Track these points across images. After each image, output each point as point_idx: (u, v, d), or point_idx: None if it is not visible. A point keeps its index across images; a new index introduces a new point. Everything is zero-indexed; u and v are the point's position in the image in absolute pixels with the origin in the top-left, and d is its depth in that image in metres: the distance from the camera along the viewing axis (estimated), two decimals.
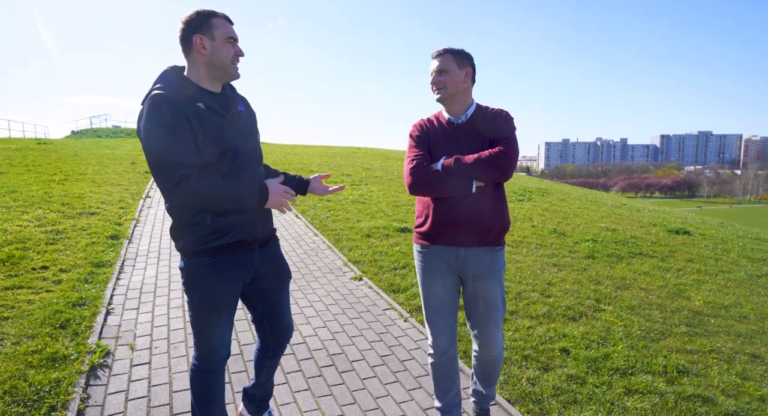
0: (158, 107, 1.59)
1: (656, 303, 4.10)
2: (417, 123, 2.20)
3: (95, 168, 10.93)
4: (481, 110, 2.10)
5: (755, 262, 5.90)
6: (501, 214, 2.08)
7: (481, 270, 2.07)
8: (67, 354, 2.83)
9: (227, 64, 1.72)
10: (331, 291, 4.18)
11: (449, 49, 2.06)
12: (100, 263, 4.51)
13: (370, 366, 2.93)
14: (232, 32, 1.72)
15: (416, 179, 2.03)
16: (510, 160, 1.98)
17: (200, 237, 1.73)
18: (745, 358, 3.17)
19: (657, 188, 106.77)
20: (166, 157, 1.59)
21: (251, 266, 1.87)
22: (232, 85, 1.89)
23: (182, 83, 1.69)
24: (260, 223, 1.86)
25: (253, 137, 1.89)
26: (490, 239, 2.07)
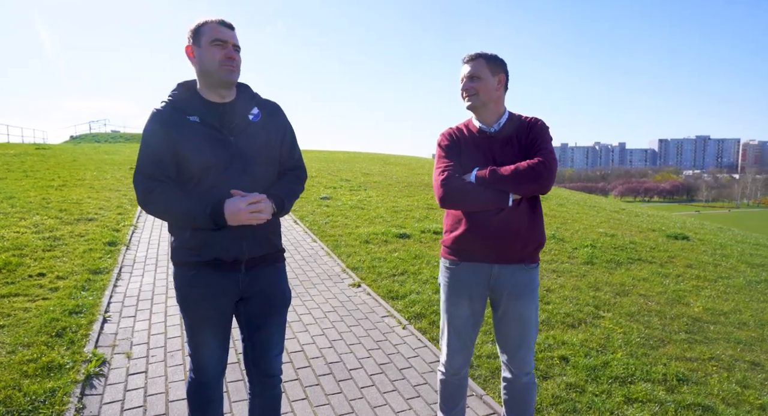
0: (147, 122, 1.65)
1: (655, 310, 4.09)
2: (446, 132, 2.08)
3: (93, 174, 10.92)
4: (514, 119, 1.99)
5: (754, 267, 5.89)
6: (538, 229, 1.96)
7: (517, 289, 1.95)
8: (63, 363, 2.81)
9: (214, 69, 1.63)
10: (330, 298, 4.16)
11: (482, 53, 1.93)
12: (98, 270, 4.49)
13: (368, 374, 2.91)
14: (220, 34, 1.63)
15: (448, 192, 1.90)
16: (550, 171, 1.84)
17: (179, 248, 1.72)
18: (745, 366, 3.15)
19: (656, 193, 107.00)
20: (138, 168, 1.65)
21: (236, 287, 1.76)
22: (254, 94, 1.81)
23: (183, 96, 1.69)
24: (248, 242, 1.72)
25: (259, 149, 1.74)
26: (526, 256, 1.95)
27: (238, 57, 1.67)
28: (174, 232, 1.73)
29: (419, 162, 20.46)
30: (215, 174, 1.65)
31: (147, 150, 1.63)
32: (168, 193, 1.62)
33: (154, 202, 1.62)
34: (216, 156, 1.64)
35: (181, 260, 1.72)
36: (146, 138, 1.64)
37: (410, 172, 14.84)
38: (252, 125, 1.74)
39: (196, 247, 1.68)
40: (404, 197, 9.69)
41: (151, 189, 1.61)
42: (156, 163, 1.62)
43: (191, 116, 1.66)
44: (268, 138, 1.77)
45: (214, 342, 1.81)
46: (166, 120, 1.64)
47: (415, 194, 10.08)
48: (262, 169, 1.76)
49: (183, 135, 1.63)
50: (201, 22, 1.66)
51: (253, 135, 1.73)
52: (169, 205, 1.61)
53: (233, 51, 1.65)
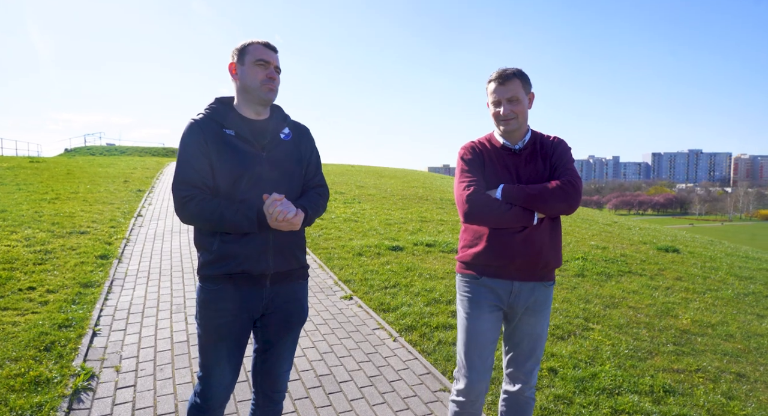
0: (186, 131, 1.72)
1: (644, 322, 4.13)
2: (468, 145, 2.03)
3: (87, 187, 10.90)
4: (537, 137, 1.98)
5: (743, 280, 5.96)
6: (557, 248, 1.97)
7: (535, 305, 1.95)
8: (51, 377, 2.80)
9: (255, 87, 1.72)
10: (321, 311, 4.17)
11: (517, 72, 1.87)
12: (89, 283, 4.48)
13: (358, 387, 2.92)
14: (264, 55, 1.73)
15: (474, 208, 1.86)
16: (578, 192, 1.84)
17: (207, 262, 1.73)
18: (731, 377, 3.18)
19: (649, 206, 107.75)
20: (177, 176, 1.69)
21: (260, 303, 1.78)
22: (285, 113, 1.91)
23: (219, 110, 1.76)
24: (274, 256, 1.76)
25: (288, 166, 1.82)
26: (546, 274, 1.95)
27: (278, 78, 1.78)
28: (201, 246, 1.75)
29: (414, 175, 20.58)
30: (246, 187, 1.71)
31: (187, 158, 1.69)
32: (210, 199, 1.67)
33: (197, 207, 1.65)
34: (247, 169, 1.71)
35: (208, 273, 1.73)
36: (185, 147, 1.69)
37: (405, 185, 14.92)
38: (283, 143, 1.83)
39: (223, 258, 1.71)
40: (398, 209, 9.74)
41: (192, 196, 1.66)
42: (196, 170, 1.68)
43: (227, 129, 1.73)
44: (298, 157, 1.86)
45: (227, 366, 1.79)
46: (203, 130, 1.70)
47: (409, 207, 10.14)
48: (290, 185, 1.82)
49: (218, 146, 1.70)
50: (247, 43, 1.76)
51: (283, 152, 1.81)
52: (213, 210, 1.64)
53: (274, 72, 1.76)
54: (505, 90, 1.86)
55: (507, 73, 1.86)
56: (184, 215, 1.68)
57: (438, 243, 6.57)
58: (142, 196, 10.29)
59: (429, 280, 4.96)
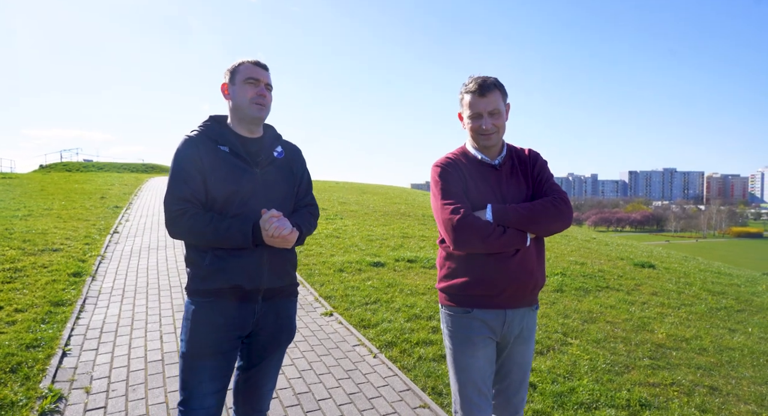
0: (181, 146, 1.72)
1: (621, 337, 4.19)
2: (444, 162, 1.81)
3: (62, 203, 10.65)
4: (512, 150, 1.88)
5: (715, 295, 6.11)
6: (543, 267, 1.85)
7: (524, 332, 1.84)
8: (16, 399, 2.69)
9: (245, 105, 1.74)
10: (301, 328, 4.12)
11: (497, 82, 1.75)
12: (60, 302, 4.35)
13: (337, 404, 2.87)
14: (253, 73, 1.75)
15: (466, 234, 1.66)
16: (570, 208, 1.75)
17: (197, 276, 1.71)
18: (704, 390, 3.24)
19: (627, 223, 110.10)
20: (170, 190, 1.68)
21: (251, 319, 1.76)
22: (277, 133, 1.93)
23: (214, 127, 1.78)
24: (267, 272, 1.75)
25: (281, 184, 1.83)
26: (534, 297, 1.86)
27: (269, 95, 1.80)
28: (192, 261, 1.73)
29: (396, 191, 20.67)
30: (239, 203, 1.71)
31: (180, 173, 1.68)
32: (203, 214, 1.67)
33: (189, 221, 1.64)
34: (241, 186, 1.72)
35: (199, 288, 1.71)
36: (179, 161, 1.69)
37: (387, 201, 14.97)
38: (276, 161, 1.84)
39: (216, 273, 1.69)
40: (380, 225, 9.76)
41: (185, 210, 1.65)
42: (189, 185, 1.67)
43: (222, 145, 1.74)
44: (290, 176, 1.89)
45: (211, 386, 1.71)
46: (198, 146, 1.71)
47: (391, 223, 10.16)
48: (282, 203, 1.82)
49: (213, 162, 1.70)
50: (238, 63, 1.79)
51: (276, 170, 1.83)
52: (206, 224, 1.64)
53: (264, 89, 1.77)
54: (487, 103, 1.71)
55: (488, 83, 1.70)
56: (176, 229, 1.67)
57: (419, 259, 6.59)
58: (119, 212, 10.09)
59: (410, 296, 4.96)
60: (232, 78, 1.78)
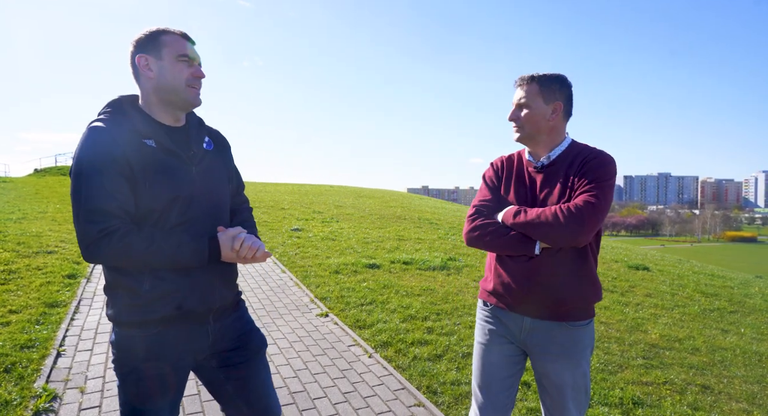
0: (91, 143, 1.32)
1: (615, 337, 4.22)
2: (494, 161, 1.85)
3: (57, 206, 10.61)
4: (573, 151, 1.68)
5: (708, 297, 6.16)
6: (581, 283, 1.63)
7: (552, 348, 1.65)
8: (10, 399, 2.68)
9: (180, 88, 1.42)
10: (296, 328, 4.13)
11: (537, 76, 1.66)
12: (54, 303, 4.33)
13: (332, 403, 2.88)
14: (186, 49, 1.43)
15: (470, 231, 1.71)
16: (581, 220, 1.50)
17: (135, 306, 1.38)
18: (696, 389, 3.27)
19: (623, 227, 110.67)
20: (86, 204, 1.29)
21: (205, 342, 1.50)
22: (200, 119, 1.60)
23: (132, 115, 1.41)
24: (219, 288, 1.50)
25: (218, 183, 1.55)
26: (564, 314, 1.63)
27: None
28: (122, 286, 1.39)
29: (392, 195, 20.72)
30: (179, 212, 1.41)
31: (99, 180, 1.29)
32: (138, 232, 1.32)
33: (121, 243, 1.29)
34: (181, 190, 1.41)
35: (137, 319, 1.39)
36: (98, 164, 1.30)
37: (383, 204, 15.01)
38: (208, 154, 1.55)
39: (161, 298, 1.39)
40: (376, 228, 9.78)
41: (113, 229, 1.29)
42: (114, 196, 1.31)
43: (146, 138, 1.39)
44: (225, 170, 1.62)
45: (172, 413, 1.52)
46: (118, 141, 1.33)
47: (387, 226, 10.18)
48: (223, 204, 1.58)
49: (142, 163, 1.35)
50: (158, 30, 1.42)
51: (211, 167, 1.54)
52: (147, 245, 1.31)
53: (201, 70, 1.46)
54: (517, 94, 1.69)
55: (526, 77, 1.67)
56: (102, 254, 1.29)
57: (415, 261, 6.61)
58: None
59: (405, 297, 4.97)
60: (154, 50, 1.40)
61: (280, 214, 11.53)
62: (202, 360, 1.55)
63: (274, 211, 12.02)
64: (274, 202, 13.99)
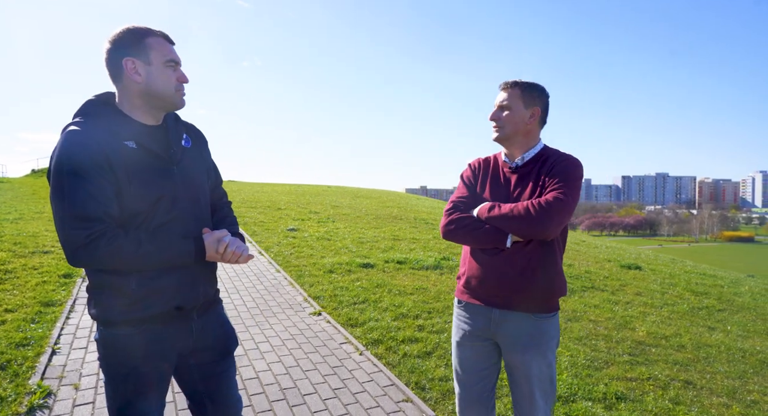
0: (71, 146, 1.30)
1: (603, 334, 4.29)
2: (472, 162, 1.99)
3: None
4: (545, 154, 1.82)
5: (698, 295, 6.24)
6: (548, 277, 1.74)
7: (520, 339, 1.76)
8: (5, 395, 2.74)
9: (169, 93, 1.44)
10: (289, 326, 4.19)
11: (520, 82, 1.80)
12: (50, 302, 4.38)
13: (321, 399, 2.94)
14: (173, 54, 1.44)
15: (447, 224, 1.83)
16: (544, 213, 1.63)
17: (121, 305, 1.40)
18: (679, 384, 3.34)
19: (621, 227, 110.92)
20: (72, 210, 1.28)
21: (190, 338, 1.55)
22: (176, 114, 1.60)
23: (110, 116, 1.41)
24: (203, 284, 1.55)
25: (198, 181, 1.57)
26: (531, 306, 1.75)
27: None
28: (109, 285, 1.40)
29: (390, 196, 20.78)
30: (165, 210, 1.43)
31: (83, 185, 1.28)
32: (124, 235, 1.33)
33: (109, 247, 1.30)
34: (164, 191, 1.43)
35: (125, 318, 1.41)
36: (79, 168, 1.28)
37: (380, 205, 15.07)
38: (187, 152, 1.56)
39: (147, 297, 1.41)
40: (371, 228, 9.84)
41: (99, 233, 1.29)
42: (98, 200, 1.30)
43: (127, 140, 1.39)
44: (204, 166, 1.64)
45: (154, 414, 1.55)
46: (100, 143, 1.32)
47: (382, 226, 10.24)
48: (204, 201, 1.60)
49: (125, 165, 1.35)
50: (140, 30, 1.41)
51: (191, 164, 1.55)
52: (135, 248, 1.32)
53: (185, 75, 1.48)
54: (499, 96, 1.83)
55: (509, 82, 1.82)
56: (90, 258, 1.30)
57: (409, 260, 6.67)
58: None
59: (398, 296, 5.03)
60: (141, 54, 1.39)
61: (277, 214, 11.59)
62: (183, 357, 1.59)
63: (271, 211, 12.07)
64: (271, 202, 14.04)
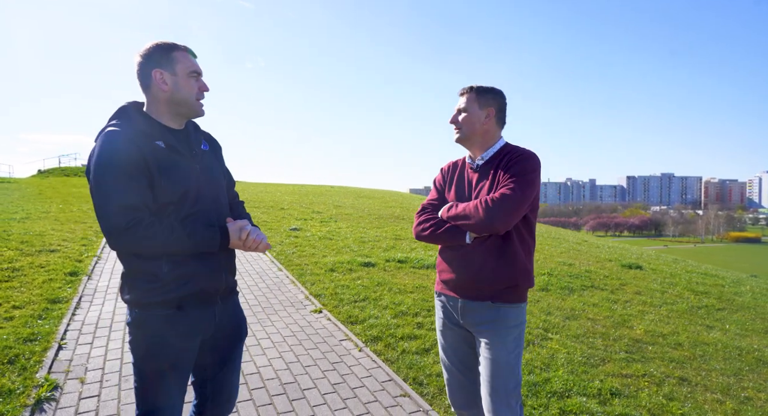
0: (111, 144, 1.48)
1: (600, 332, 4.33)
2: (443, 166, 2.12)
3: (60, 206, 10.78)
4: (504, 151, 1.92)
5: (698, 294, 6.26)
6: (509, 267, 1.84)
7: (480, 325, 1.89)
8: (13, 388, 2.82)
9: (191, 101, 1.62)
10: (290, 324, 4.26)
11: (475, 87, 1.93)
12: (56, 299, 4.47)
13: (321, 393, 3.01)
14: (196, 66, 1.63)
15: (416, 226, 1.99)
16: (495, 210, 1.73)
17: (155, 288, 1.55)
18: (674, 381, 3.38)
19: (625, 227, 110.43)
20: (115, 199, 1.46)
21: (212, 321, 1.70)
22: (196, 123, 1.79)
23: (141, 120, 1.59)
24: (225, 271, 1.71)
25: (217, 179, 1.76)
26: (493, 295, 1.87)
27: None
28: (142, 272, 1.56)
29: (393, 196, 20.84)
30: (190, 203, 1.60)
31: (122, 177, 1.46)
32: (159, 222, 1.50)
33: (146, 232, 1.46)
34: (190, 186, 1.60)
35: (158, 299, 1.56)
36: (117, 163, 1.47)
37: (382, 205, 15.13)
38: (206, 154, 1.76)
39: (178, 280, 1.57)
40: (373, 228, 9.90)
41: (138, 220, 1.46)
42: (137, 192, 1.48)
43: (157, 141, 1.57)
44: (220, 168, 1.83)
45: (180, 393, 1.67)
46: (136, 142, 1.51)
47: (384, 226, 10.30)
48: (223, 196, 1.78)
49: (157, 161, 1.53)
50: (167, 45, 1.60)
51: (210, 165, 1.75)
52: (168, 234, 1.49)
53: (206, 85, 1.66)
54: (459, 102, 1.96)
55: (465, 88, 1.95)
56: (128, 243, 1.47)
57: (410, 259, 6.73)
58: None
59: (398, 294, 5.09)
60: (167, 65, 1.58)
61: (280, 214, 11.68)
62: (204, 340, 1.72)
63: (274, 211, 12.17)
64: (274, 202, 14.14)
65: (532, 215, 1.90)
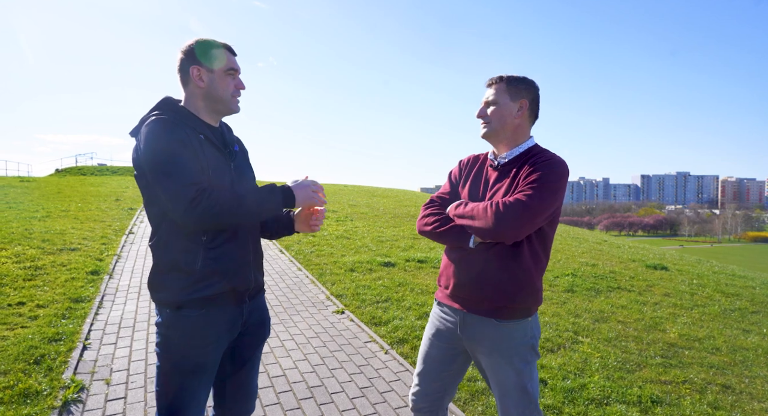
0: (166, 126, 1.48)
1: (633, 336, 4.18)
2: (462, 159, 1.95)
3: (78, 205, 10.87)
4: (531, 153, 1.71)
5: (729, 297, 6.05)
6: (514, 282, 1.63)
7: (483, 343, 1.70)
8: (40, 389, 2.78)
9: (226, 98, 1.62)
10: (313, 324, 4.18)
11: (505, 76, 1.74)
12: (79, 298, 4.46)
13: (349, 397, 2.92)
14: (233, 63, 1.63)
15: (420, 219, 1.83)
16: (506, 217, 1.53)
17: (187, 286, 1.53)
18: (717, 388, 3.23)
19: (640, 227, 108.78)
20: (182, 177, 1.43)
21: (240, 320, 1.68)
22: (229, 126, 1.80)
23: (182, 112, 1.59)
24: (254, 270, 1.70)
25: (249, 181, 1.77)
26: (490, 310, 1.66)
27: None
28: (176, 268, 1.54)
29: (406, 195, 20.71)
30: None
31: (181, 156, 1.45)
32: (220, 190, 1.47)
33: (213, 200, 1.42)
34: (226, 179, 1.60)
35: (189, 298, 1.54)
36: (173, 145, 1.45)
37: (397, 204, 15.02)
38: (238, 154, 1.75)
39: (210, 277, 1.55)
40: (390, 227, 9.81)
41: (204, 189, 1.44)
42: (197, 168, 1.48)
43: (199, 133, 1.58)
44: (249, 170, 1.83)
45: (205, 393, 1.65)
46: (185, 130, 1.52)
47: (401, 225, 10.21)
48: None
49: (202, 149, 1.54)
50: (207, 42, 1.60)
51: (241, 164, 1.75)
52: (234, 196, 1.46)
53: (242, 83, 1.66)
54: (486, 93, 1.77)
55: (494, 77, 1.76)
56: (202, 209, 1.41)
57: (430, 259, 6.62)
58: (134, 214, 10.27)
59: (421, 295, 4.99)
60: (206, 63, 1.58)
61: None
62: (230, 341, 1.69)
63: None
64: None
65: (549, 228, 1.68)
